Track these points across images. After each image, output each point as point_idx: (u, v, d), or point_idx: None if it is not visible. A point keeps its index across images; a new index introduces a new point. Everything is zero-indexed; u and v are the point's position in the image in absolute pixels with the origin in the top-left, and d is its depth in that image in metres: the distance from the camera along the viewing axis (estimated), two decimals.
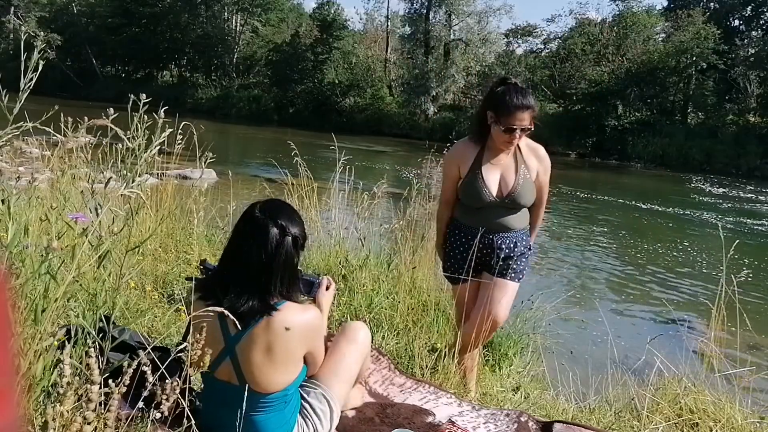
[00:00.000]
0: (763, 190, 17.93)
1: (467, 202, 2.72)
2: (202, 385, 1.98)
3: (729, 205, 15.11)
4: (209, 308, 1.64)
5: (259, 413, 1.79)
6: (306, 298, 2.01)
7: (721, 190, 17.72)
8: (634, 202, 13.96)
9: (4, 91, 1.81)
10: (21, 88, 1.80)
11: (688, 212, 13.34)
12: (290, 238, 1.76)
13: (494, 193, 2.64)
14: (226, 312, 1.61)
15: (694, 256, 9.15)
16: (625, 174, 21.28)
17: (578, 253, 8.84)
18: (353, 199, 4.64)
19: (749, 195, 17.12)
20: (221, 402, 1.73)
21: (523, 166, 2.68)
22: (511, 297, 2.77)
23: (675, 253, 9.27)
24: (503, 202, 2.66)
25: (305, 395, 1.95)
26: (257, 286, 1.74)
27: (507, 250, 2.70)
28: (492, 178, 2.65)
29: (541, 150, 2.76)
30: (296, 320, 1.76)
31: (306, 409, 1.94)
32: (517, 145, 2.66)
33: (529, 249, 2.82)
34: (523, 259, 2.76)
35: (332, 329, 3.04)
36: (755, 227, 12.27)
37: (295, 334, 1.76)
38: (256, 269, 1.74)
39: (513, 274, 2.73)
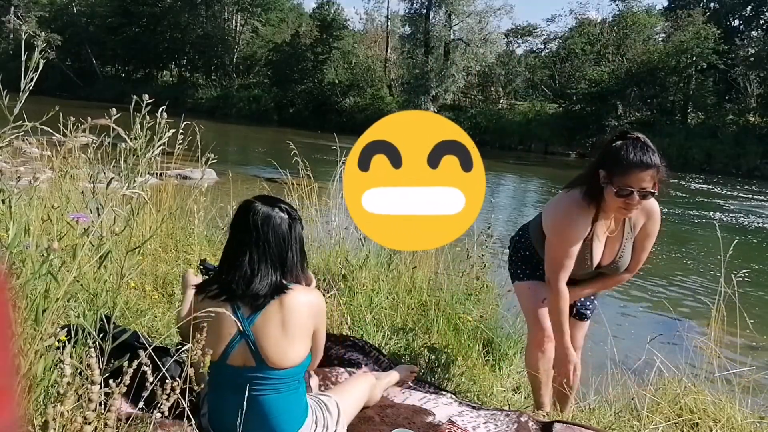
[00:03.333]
0: (763, 190, 17.93)
1: None
2: (210, 377, 2.00)
3: (729, 204, 15.11)
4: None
5: (274, 392, 1.84)
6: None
7: (721, 190, 17.72)
8: None
9: (5, 91, 1.81)
10: (21, 88, 1.80)
11: (688, 212, 13.34)
12: (297, 219, 1.94)
13: (595, 264, 2.41)
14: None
15: (693, 256, 9.15)
16: None
17: None
18: None
19: (749, 195, 17.12)
20: (234, 388, 1.78)
21: (629, 232, 2.38)
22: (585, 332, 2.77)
23: (675, 253, 9.27)
24: (600, 270, 2.47)
25: (316, 397, 2.03)
26: (277, 267, 1.87)
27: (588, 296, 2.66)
28: (598, 249, 2.38)
29: (654, 206, 2.36)
30: (305, 298, 1.90)
31: (315, 399, 2.01)
32: None
33: None
34: (598, 298, 2.72)
35: (333, 329, 3.05)
36: (755, 227, 12.28)
37: (305, 310, 1.89)
38: (275, 251, 1.87)
39: (588, 313, 2.70)
